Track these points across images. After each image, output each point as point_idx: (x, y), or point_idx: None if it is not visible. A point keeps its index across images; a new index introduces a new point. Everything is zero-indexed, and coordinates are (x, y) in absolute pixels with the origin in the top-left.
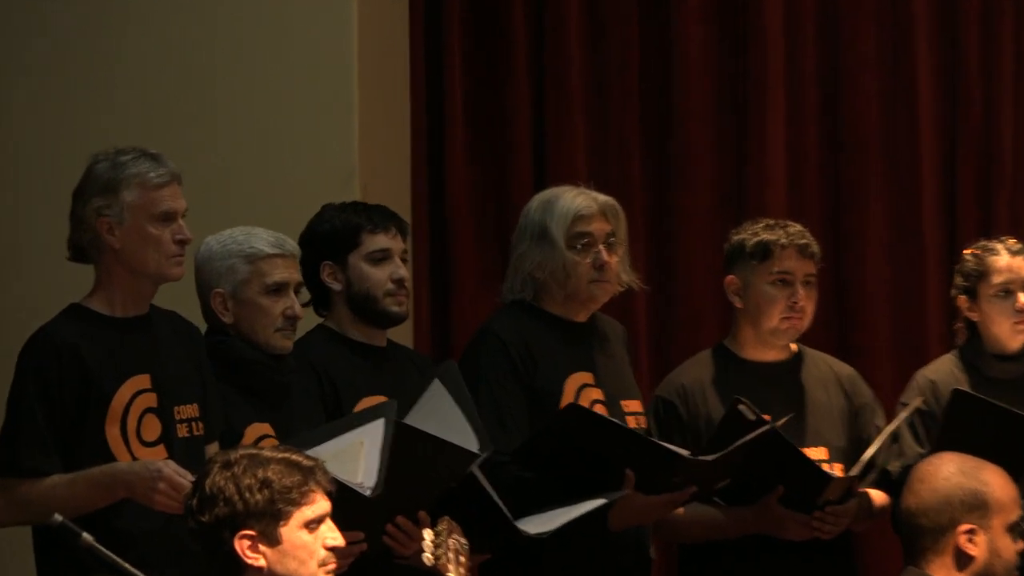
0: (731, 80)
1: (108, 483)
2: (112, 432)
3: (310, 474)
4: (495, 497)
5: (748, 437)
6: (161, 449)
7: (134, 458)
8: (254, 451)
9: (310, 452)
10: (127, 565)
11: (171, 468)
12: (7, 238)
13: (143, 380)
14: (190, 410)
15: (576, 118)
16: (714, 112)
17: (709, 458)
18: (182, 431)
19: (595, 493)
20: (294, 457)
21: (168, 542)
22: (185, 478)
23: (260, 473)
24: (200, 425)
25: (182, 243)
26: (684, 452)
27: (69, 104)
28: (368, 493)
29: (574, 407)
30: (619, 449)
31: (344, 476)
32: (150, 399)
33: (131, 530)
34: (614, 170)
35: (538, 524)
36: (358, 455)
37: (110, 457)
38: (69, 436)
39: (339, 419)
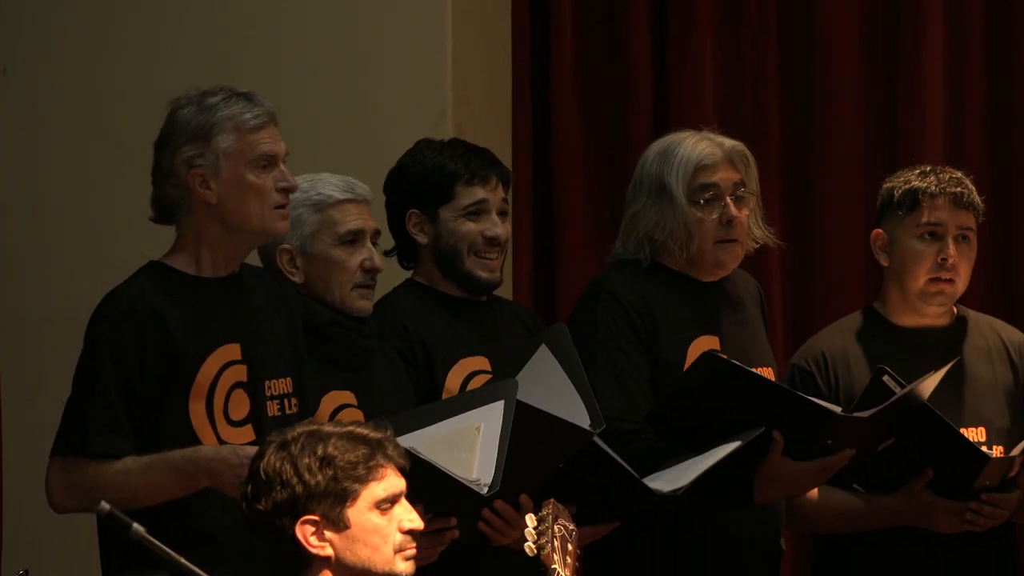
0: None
1: (190, 470)
2: (196, 409)
3: (378, 447)
4: (615, 457)
5: (890, 400)
6: (248, 430)
7: (220, 439)
8: (313, 427)
9: (409, 436)
10: (182, 560)
11: None
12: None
13: (232, 350)
14: (283, 385)
15: (704, 47)
16: (862, 38)
17: (865, 414)
18: (273, 409)
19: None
20: (358, 430)
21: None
22: None
23: (320, 449)
24: (294, 402)
25: (286, 191)
26: (836, 409)
27: (137, 44)
28: (484, 491)
29: (711, 356)
30: (762, 408)
31: (453, 466)
32: (239, 372)
33: (210, 524)
34: (746, 108)
35: (669, 481)
36: (473, 443)
37: (192, 437)
38: (146, 413)
39: (449, 398)
